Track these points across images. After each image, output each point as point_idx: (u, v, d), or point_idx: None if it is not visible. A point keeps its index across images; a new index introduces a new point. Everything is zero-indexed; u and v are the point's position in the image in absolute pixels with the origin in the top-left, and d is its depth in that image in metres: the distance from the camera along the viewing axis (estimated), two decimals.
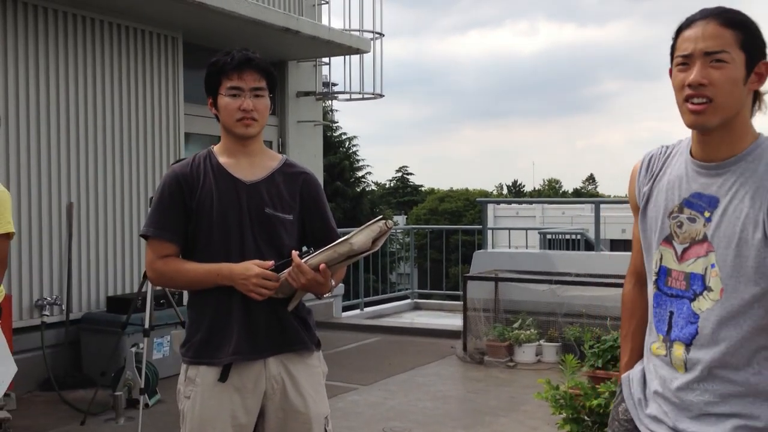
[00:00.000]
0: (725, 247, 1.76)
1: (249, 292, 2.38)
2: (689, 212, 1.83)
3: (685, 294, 1.83)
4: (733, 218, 1.76)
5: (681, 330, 1.83)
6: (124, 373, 5.66)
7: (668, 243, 1.87)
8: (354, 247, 2.31)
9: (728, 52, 1.74)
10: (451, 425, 5.34)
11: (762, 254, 1.72)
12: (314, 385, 2.52)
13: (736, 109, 1.77)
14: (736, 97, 1.76)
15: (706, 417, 1.81)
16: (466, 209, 42.90)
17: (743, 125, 1.81)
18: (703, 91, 1.75)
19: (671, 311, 1.86)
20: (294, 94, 9.44)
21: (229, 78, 2.46)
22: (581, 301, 7.22)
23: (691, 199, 1.84)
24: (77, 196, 6.70)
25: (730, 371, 1.78)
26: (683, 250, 1.84)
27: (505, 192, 64.09)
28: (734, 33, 1.75)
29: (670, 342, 1.86)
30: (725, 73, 1.74)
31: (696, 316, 1.80)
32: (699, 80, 1.75)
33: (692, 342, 1.81)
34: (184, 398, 2.48)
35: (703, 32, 1.76)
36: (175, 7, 6.84)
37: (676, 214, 1.86)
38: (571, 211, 34.25)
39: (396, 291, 13.16)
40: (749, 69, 1.77)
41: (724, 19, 1.76)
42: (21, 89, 6.27)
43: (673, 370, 1.86)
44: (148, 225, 2.51)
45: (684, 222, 1.84)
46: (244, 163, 2.52)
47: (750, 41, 1.76)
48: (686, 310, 1.82)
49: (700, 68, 1.75)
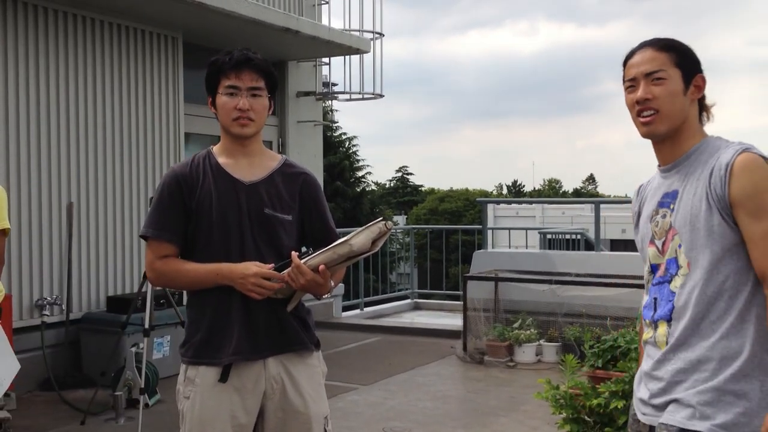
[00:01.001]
0: (683, 225, 2.03)
1: (248, 292, 2.38)
2: (662, 211, 2.12)
3: (665, 278, 2.09)
4: (687, 200, 2.04)
5: (662, 309, 2.08)
6: (124, 373, 5.66)
7: (652, 243, 2.14)
8: (353, 248, 2.31)
9: (665, 70, 2.07)
10: (451, 425, 5.34)
11: (709, 221, 1.98)
12: (314, 385, 2.52)
13: (681, 116, 2.08)
14: (679, 106, 2.07)
15: (678, 385, 2.01)
16: (466, 209, 42.89)
17: (690, 129, 2.10)
18: (649, 105, 2.07)
19: (655, 297, 2.12)
20: (294, 94, 9.44)
21: (227, 77, 2.46)
22: (581, 301, 7.22)
23: (662, 200, 2.13)
24: (77, 196, 6.70)
25: (700, 338, 2.00)
26: (662, 243, 2.11)
27: (505, 192, 64.08)
28: (668, 54, 2.08)
29: (654, 323, 2.10)
30: (665, 87, 2.06)
31: (672, 294, 2.06)
32: (644, 96, 2.07)
33: (671, 317, 2.05)
34: (183, 398, 2.48)
35: (642, 58, 2.10)
36: (175, 7, 6.84)
37: (654, 216, 2.14)
38: (571, 211, 34.23)
39: (396, 291, 13.16)
40: (687, 82, 2.08)
41: (658, 46, 2.10)
42: (21, 89, 6.27)
43: (657, 348, 2.08)
44: (148, 225, 2.50)
45: (659, 221, 2.12)
46: (244, 163, 2.52)
47: (683, 60, 2.08)
48: (666, 291, 2.08)
49: (644, 87, 2.08)
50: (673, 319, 2.04)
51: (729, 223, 1.97)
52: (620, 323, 6.57)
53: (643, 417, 2.12)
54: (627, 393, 3.85)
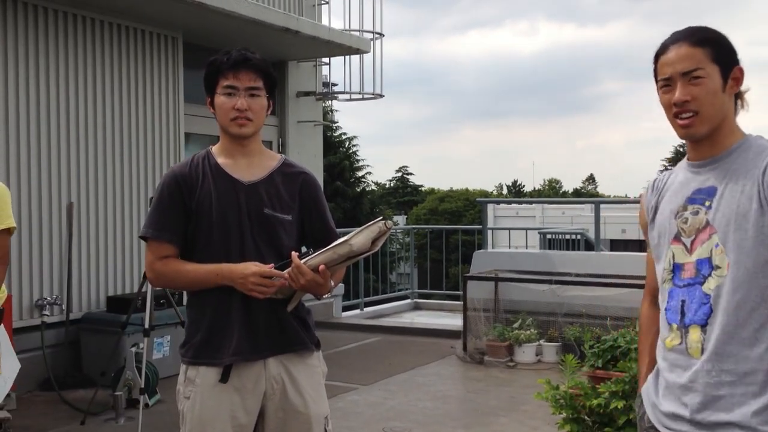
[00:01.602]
0: (726, 224, 1.90)
1: (249, 292, 2.38)
2: (692, 207, 1.98)
3: (696, 280, 1.94)
4: (730, 198, 1.91)
5: (695, 313, 1.92)
6: (124, 373, 5.66)
7: (677, 240, 2.00)
8: (353, 248, 2.31)
9: (703, 68, 1.93)
10: (451, 425, 5.34)
11: (759, 223, 1.85)
12: (314, 385, 2.52)
13: (721, 116, 1.96)
14: (718, 105, 1.95)
15: (723, 400, 1.86)
16: (466, 209, 42.88)
17: (729, 126, 1.98)
18: (687, 107, 1.94)
19: (683, 300, 1.95)
20: (294, 94, 9.44)
21: (225, 77, 2.45)
22: (581, 301, 7.22)
23: (693, 195, 1.99)
24: (77, 195, 6.70)
25: (743, 347, 1.85)
26: (691, 242, 1.97)
27: (505, 192, 64.06)
28: (705, 50, 1.94)
29: (684, 328, 1.93)
30: (704, 87, 1.93)
31: (707, 296, 1.90)
32: (682, 98, 1.94)
33: (707, 321, 1.89)
34: (183, 398, 2.48)
35: (678, 55, 1.96)
36: (175, 7, 6.84)
37: (681, 213, 2.00)
38: (571, 211, 34.23)
39: (396, 291, 13.16)
40: (725, 77, 1.95)
41: (694, 40, 1.96)
42: (21, 89, 6.27)
43: (689, 357, 1.92)
44: (148, 226, 2.50)
45: (689, 217, 1.98)
46: (243, 163, 2.52)
47: (720, 54, 1.95)
48: (698, 293, 1.92)
49: (681, 87, 1.95)
50: (710, 324, 1.89)
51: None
52: (620, 323, 6.57)
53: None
54: (627, 393, 3.85)
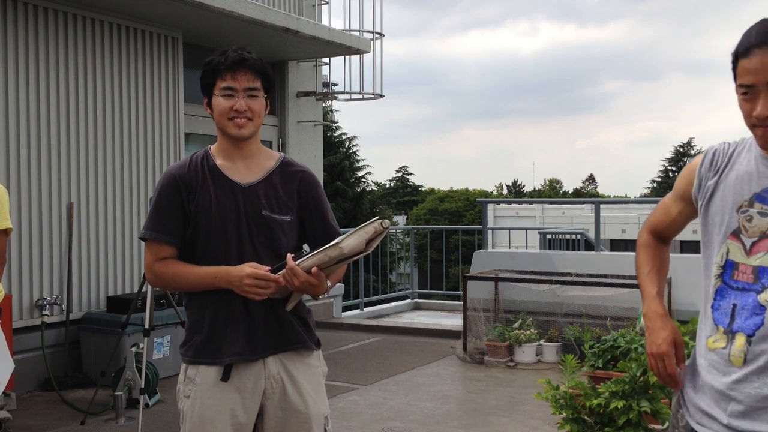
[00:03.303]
0: None
1: (246, 294, 2.38)
2: (760, 206, 1.83)
3: (753, 287, 1.82)
4: None
5: (745, 321, 1.83)
6: (124, 373, 5.66)
7: (736, 237, 1.86)
8: (344, 251, 2.30)
9: None
10: (451, 425, 5.34)
11: None
12: (314, 385, 2.52)
13: None
14: None
15: (762, 412, 1.80)
16: (466, 209, 42.91)
17: None
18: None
19: (734, 303, 1.85)
20: (294, 94, 9.44)
21: (222, 78, 2.44)
22: (581, 301, 7.22)
23: (763, 194, 1.83)
24: (77, 196, 6.70)
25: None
26: (752, 244, 1.83)
27: (505, 192, 64.09)
28: None
29: (731, 334, 1.85)
30: None
31: (762, 308, 1.79)
32: (766, 113, 1.74)
33: (755, 333, 1.80)
34: (183, 398, 2.48)
35: (763, 64, 1.72)
36: (175, 7, 6.84)
37: (746, 209, 1.85)
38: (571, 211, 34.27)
39: (396, 291, 13.16)
40: None
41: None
42: (21, 89, 6.27)
43: (730, 363, 1.84)
44: (147, 228, 2.50)
45: (754, 216, 1.83)
46: (241, 165, 2.51)
47: None
48: (752, 301, 1.81)
49: (765, 100, 1.74)
50: (757, 336, 1.80)
51: None
52: (620, 323, 6.58)
53: (702, 429, 1.93)
54: (627, 393, 3.86)
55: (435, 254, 14.51)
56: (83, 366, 6.51)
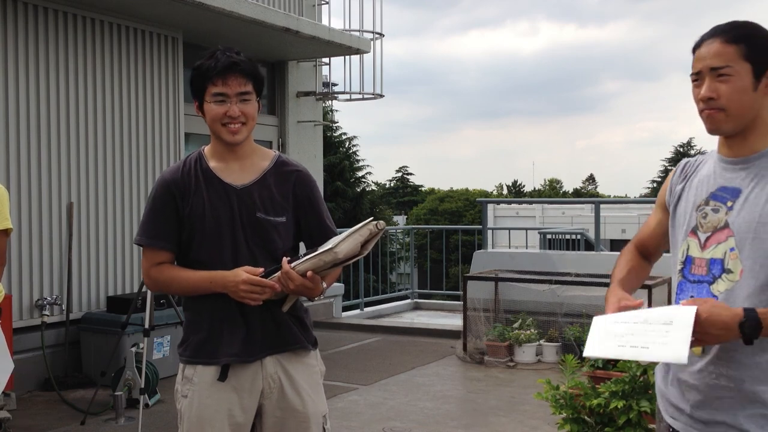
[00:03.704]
0: (745, 231, 1.90)
1: (241, 299, 2.37)
2: (714, 204, 1.98)
3: (706, 278, 1.95)
4: (753, 205, 1.91)
5: None
6: (124, 373, 5.66)
7: (694, 234, 2.00)
8: (339, 256, 2.29)
9: (731, 65, 1.91)
10: (451, 425, 5.34)
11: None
12: (312, 384, 2.52)
13: (749, 113, 1.94)
14: (747, 104, 1.93)
15: (721, 401, 1.90)
16: (466, 209, 42.90)
17: (763, 126, 1.97)
18: (713, 104, 1.94)
19: (692, 296, 1.96)
20: (294, 94, 9.44)
21: (213, 84, 2.41)
22: (581, 301, 7.22)
23: (717, 192, 1.99)
24: (77, 196, 6.70)
25: (746, 354, 1.86)
26: (706, 239, 1.97)
27: (505, 192, 64.06)
28: (737, 47, 1.92)
29: None
30: (731, 85, 1.92)
31: (714, 297, 1.91)
32: (707, 95, 1.94)
33: None
34: (181, 397, 2.48)
35: (709, 51, 1.95)
36: (175, 7, 6.84)
37: (702, 207, 2.00)
38: (571, 211, 34.26)
39: (396, 291, 13.16)
40: (758, 76, 1.93)
41: (727, 37, 1.94)
42: (21, 89, 6.27)
43: (692, 354, 1.91)
44: (141, 234, 2.50)
45: (708, 213, 1.98)
46: (235, 166, 2.50)
47: (754, 52, 1.92)
48: (705, 293, 1.94)
49: (708, 84, 1.94)
50: None
51: None
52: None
53: (675, 423, 2.03)
54: (627, 393, 3.86)
55: (435, 254, 14.51)
56: (83, 366, 6.51)
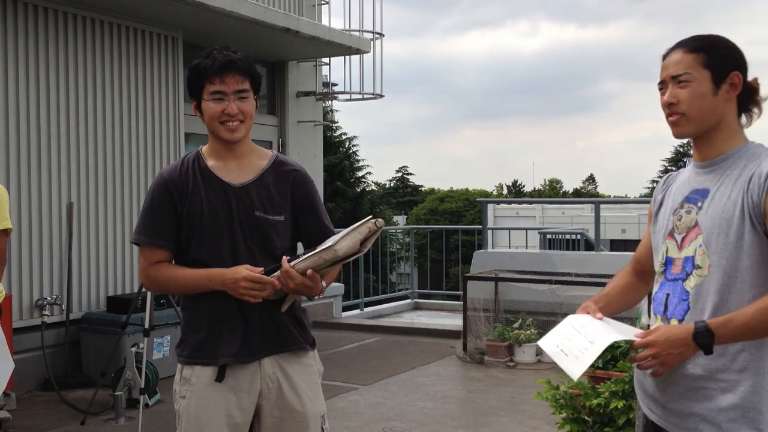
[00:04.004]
0: (711, 227, 2.00)
1: (241, 296, 2.37)
2: (687, 206, 2.09)
3: (680, 276, 2.06)
4: (719, 202, 2.01)
5: (675, 308, 2.05)
6: (124, 373, 5.66)
7: (671, 236, 2.12)
8: (339, 253, 2.29)
9: (690, 72, 2.05)
10: (451, 425, 5.34)
11: (740, 229, 1.95)
12: (310, 384, 2.52)
13: (711, 117, 2.05)
14: (707, 108, 2.04)
15: (694, 392, 1.99)
16: (466, 209, 42.90)
17: (729, 129, 2.07)
18: (675, 109, 2.06)
19: (668, 293, 2.08)
20: (294, 94, 9.44)
21: (211, 82, 2.42)
22: (581, 301, 7.11)
23: (690, 195, 2.10)
24: (77, 196, 6.70)
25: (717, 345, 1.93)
26: (682, 239, 2.08)
27: (505, 192, 64.06)
28: (697, 56, 2.05)
29: (667, 321, 2.07)
30: (690, 90, 2.04)
31: (687, 293, 2.03)
32: (668, 100, 2.07)
33: (684, 317, 2.02)
34: (179, 398, 2.48)
35: (671, 60, 2.09)
36: (175, 7, 6.84)
37: (678, 210, 2.11)
38: (571, 211, 34.25)
39: (396, 291, 13.16)
40: (718, 82, 2.05)
41: (689, 47, 2.08)
42: (21, 89, 6.27)
43: None
44: (139, 232, 2.49)
45: (683, 215, 2.09)
46: (233, 165, 2.50)
47: (713, 60, 2.05)
48: (679, 289, 2.05)
49: (670, 90, 2.08)
50: (686, 321, 2.01)
51: (759, 233, 1.94)
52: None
53: (651, 415, 2.12)
54: (627, 393, 3.85)
55: (435, 254, 14.51)
56: (83, 366, 6.51)
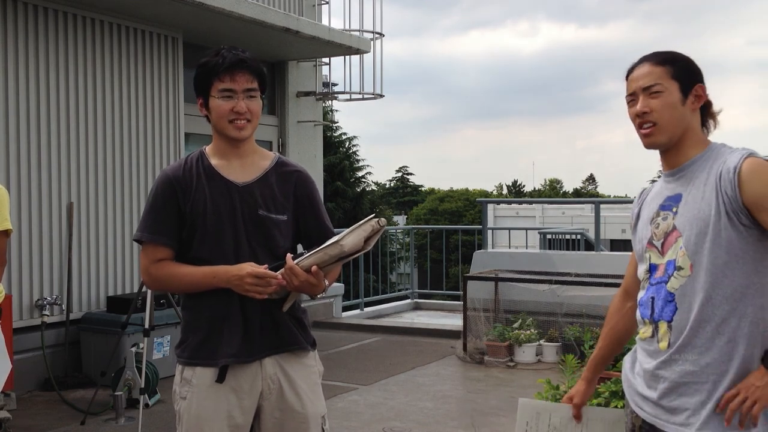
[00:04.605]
0: (689, 228, 2.07)
1: (246, 292, 2.37)
2: (663, 213, 2.17)
3: (663, 279, 2.12)
4: (692, 204, 2.08)
5: (661, 310, 2.11)
6: (124, 373, 5.66)
7: (651, 244, 2.19)
8: (344, 249, 2.30)
9: (661, 83, 2.13)
10: (451, 425, 5.34)
11: (717, 226, 2.01)
12: (311, 385, 2.52)
13: (681, 126, 2.13)
14: (677, 117, 2.13)
15: (687, 387, 2.05)
16: (466, 209, 42.89)
17: (694, 138, 2.16)
18: (647, 118, 2.14)
19: (652, 297, 2.15)
20: (294, 94, 9.43)
21: (221, 80, 2.43)
22: (581, 301, 7.22)
23: (664, 203, 2.18)
24: (77, 196, 6.70)
25: (706, 340, 2.03)
26: (661, 245, 2.15)
27: (505, 192, 64.05)
28: (665, 68, 2.14)
29: (654, 323, 2.13)
30: (662, 100, 2.12)
31: (671, 294, 2.09)
32: (642, 109, 2.14)
33: (672, 318, 2.08)
34: (180, 399, 2.47)
35: (640, 73, 2.17)
36: (175, 7, 6.84)
37: (655, 218, 2.19)
38: (571, 211, 34.26)
39: (396, 291, 13.16)
40: (685, 93, 2.13)
41: (656, 60, 2.16)
42: (21, 89, 6.27)
43: (658, 348, 2.11)
44: (142, 229, 2.48)
45: (660, 222, 2.17)
46: (236, 164, 2.50)
47: (680, 72, 2.14)
48: (663, 292, 2.11)
49: (642, 100, 2.15)
50: (675, 321, 2.07)
51: (737, 228, 2.00)
52: None
53: (641, 413, 2.17)
54: None
55: (435, 254, 14.50)
56: (83, 366, 6.51)
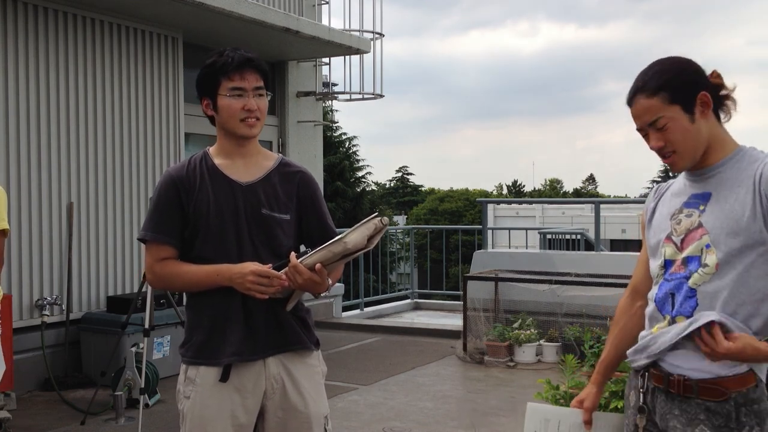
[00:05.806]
0: (719, 227, 2.03)
1: (248, 291, 2.37)
2: (687, 211, 2.12)
3: (683, 275, 2.08)
4: (724, 204, 2.04)
5: (681, 305, 2.07)
6: (124, 373, 5.66)
7: (669, 239, 2.14)
8: (348, 246, 2.30)
9: (662, 115, 2.05)
10: (451, 425, 5.34)
11: (750, 228, 1.99)
12: (314, 385, 2.52)
13: (700, 143, 2.07)
14: (692, 137, 2.06)
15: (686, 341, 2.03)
16: (466, 209, 42.88)
17: (719, 141, 2.09)
18: (664, 151, 2.09)
19: (672, 293, 2.10)
20: (294, 94, 9.44)
21: (230, 79, 2.44)
22: (581, 301, 7.22)
23: (689, 200, 2.13)
24: (77, 196, 6.70)
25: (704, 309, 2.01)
26: (681, 241, 2.11)
27: (505, 192, 64.04)
28: (659, 97, 2.05)
29: (672, 318, 2.08)
30: (671, 130, 2.05)
31: (693, 290, 2.05)
32: (657, 145, 2.09)
33: (692, 314, 2.04)
34: (183, 398, 2.47)
35: (639, 110, 2.09)
36: (175, 7, 6.84)
37: (676, 215, 2.14)
38: (571, 211, 34.26)
39: (396, 291, 13.16)
40: (690, 110, 2.05)
41: (647, 92, 2.07)
42: (21, 89, 6.27)
43: None
44: (146, 229, 2.49)
45: (682, 219, 2.12)
46: (240, 164, 2.51)
47: (676, 93, 2.05)
48: (684, 288, 2.06)
49: (653, 136, 2.09)
50: (695, 317, 2.04)
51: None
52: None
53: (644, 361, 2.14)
54: None
55: (435, 254, 14.50)
56: (83, 366, 6.51)
